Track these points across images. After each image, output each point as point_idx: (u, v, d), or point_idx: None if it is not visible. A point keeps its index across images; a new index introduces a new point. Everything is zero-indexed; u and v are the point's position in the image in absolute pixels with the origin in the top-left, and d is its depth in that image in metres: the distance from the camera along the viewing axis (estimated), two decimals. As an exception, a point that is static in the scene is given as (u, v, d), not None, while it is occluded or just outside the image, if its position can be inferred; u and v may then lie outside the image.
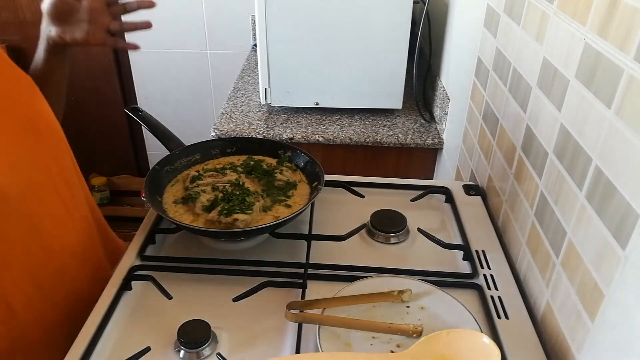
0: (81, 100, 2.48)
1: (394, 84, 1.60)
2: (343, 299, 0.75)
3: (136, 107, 1.10)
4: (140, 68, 2.45)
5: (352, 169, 1.60)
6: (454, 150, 1.39)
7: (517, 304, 0.81)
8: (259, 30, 1.52)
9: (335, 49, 1.55)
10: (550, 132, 0.78)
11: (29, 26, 2.34)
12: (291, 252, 0.91)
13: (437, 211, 1.05)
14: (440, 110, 1.54)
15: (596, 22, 0.66)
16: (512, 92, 0.95)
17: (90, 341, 0.72)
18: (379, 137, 1.54)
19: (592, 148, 0.66)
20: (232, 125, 1.60)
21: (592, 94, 0.66)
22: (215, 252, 0.91)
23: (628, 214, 0.57)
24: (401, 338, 0.71)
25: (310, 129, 1.57)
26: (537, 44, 0.84)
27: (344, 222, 0.97)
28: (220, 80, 2.41)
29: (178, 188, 0.98)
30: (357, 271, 0.85)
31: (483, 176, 1.11)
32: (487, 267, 0.89)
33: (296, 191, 0.97)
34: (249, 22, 2.30)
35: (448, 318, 0.74)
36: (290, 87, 1.62)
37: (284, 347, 0.73)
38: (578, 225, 0.68)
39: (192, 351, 0.70)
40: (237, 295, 0.78)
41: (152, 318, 0.78)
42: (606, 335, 0.60)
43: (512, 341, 0.74)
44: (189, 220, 0.89)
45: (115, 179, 2.76)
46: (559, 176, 0.75)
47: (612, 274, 0.59)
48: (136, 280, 0.83)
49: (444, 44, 1.54)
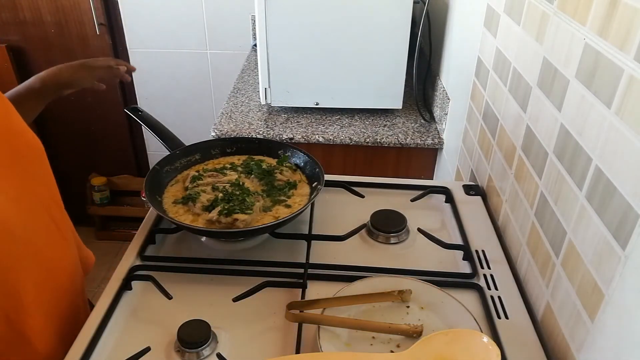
0: (81, 100, 2.48)
1: (394, 84, 1.60)
2: (343, 299, 0.75)
3: (136, 107, 1.10)
4: (140, 68, 2.44)
5: (352, 169, 1.60)
6: (454, 150, 1.39)
7: (517, 304, 0.81)
8: (259, 30, 1.52)
9: (335, 49, 1.54)
10: (550, 132, 0.78)
11: (29, 26, 2.34)
12: (291, 252, 0.91)
13: (437, 211, 1.05)
14: (440, 110, 1.54)
15: (596, 22, 0.66)
16: (512, 92, 0.95)
17: (90, 341, 0.72)
18: (379, 137, 1.54)
19: (592, 148, 0.66)
20: (232, 125, 1.60)
21: (592, 94, 0.66)
22: (215, 252, 0.91)
23: (628, 214, 0.57)
24: (401, 338, 0.71)
25: (310, 129, 1.57)
26: (537, 44, 0.84)
27: (344, 222, 0.97)
28: (220, 80, 2.41)
29: (178, 188, 0.98)
30: (357, 271, 0.85)
31: (483, 176, 1.11)
32: (487, 267, 0.89)
33: (296, 191, 0.97)
34: (249, 22, 2.30)
35: (448, 318, 0.74)
36: (290, 87, 1.62)
37: (284, 347, 0.73)
38: (578, 225, 0.68)
39: (192, 351, 0.70)
40: (237, 295, 0.78)
41: (152, 318, 0.78)
42: (606, 336, 0.60)
43: (512, 341, 0.74)
44: (189, 220, 0.89)
45: (115, 179, 2.76)
46: (559, 176, 0.75)
47: (612, 274, 0.59)
48: (136, 280, 0.83)
49: (444, 44, 1.54)
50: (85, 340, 0.72)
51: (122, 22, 2.32)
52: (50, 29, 2.36)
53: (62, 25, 2.35)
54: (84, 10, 2.31)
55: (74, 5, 2.30)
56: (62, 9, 2.31)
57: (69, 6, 2.30)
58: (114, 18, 2.36)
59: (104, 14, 2.33)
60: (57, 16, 2.33)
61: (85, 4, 2.29)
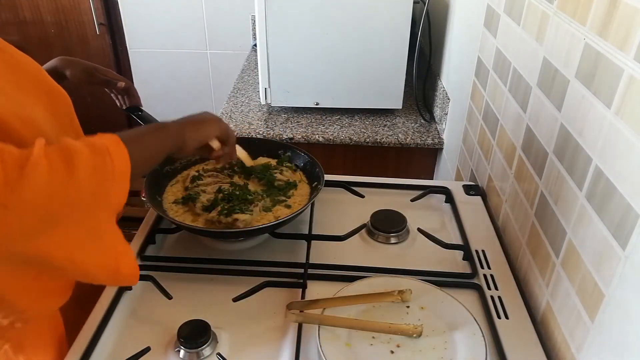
0: (81, 100, 2.48)
1: (394, 84, 1.60)
2: (343, 299, 0.75)
3: (136, 106, 1.09)
4: (140, 68, 2.45)
5: (352, 169, 1.60)
6: (454, 150, 1.39)
7: (517, 304, 0.81)
8: (259, 30, 1.52)
9: (335, 49, 1.54)
10: (550, 132, 0.78)
11: (29, 26, 2.34)
12: (291, 252, 0.91)
13: (437, 211, 1.05)
14: (440, 110, 1.54)
15: (596, 22, 0.66)
16: (512, 92, 0.95)
17: (90, 341, 0.72)
18: (379, 137, 1.54)
19: (592, 148, 0.66)
20: (232, 125, 1.59)
21: (592, 94, 0.66)
22: (215, 252, 0.91)
23: (628, 214, 0.57)
24: (401, 338, 0.71)
25: (310, 129, 1.57)
26: (537, 44, 0.84)
27: (344, 222, 0.97)
28: (220, 80, 2.41)
29: (178, 188, 0.98)
30: (357, 271, 0.85)
31: (483, 176, 1.11)
32: (487, 267, 0.89)
33: (296, 191, 0.97)
34: (249, 22, 2.30)
35: (448, 318, 0.74)
36: (290, 87, 1.62)
37: (284, 347, 0.73)
38: (578, 225, 0.68)
39: (192, 351, 0.70)
40: (237, 295, 0.78)
41: (152, 318, 0.78)
42: (606, 335, 0.60)
43: (512, 341, 0.74)
44: (189, 220, 0.89)
45: (115, 179, 2.76)
46: (559, 176, 0.75)
47: (612, 274, 0.59)
48: (136, 280, 0.83)
49: (444, 44, 1.54)
50: (86, 340, 0.72)
51: (122, 22, 2.32)
52: (50, 29, 2.36)
53: (62, 25, 2.35)
54: (84, 10, 2.31)
55: (74, 5, 2.30)
56: (62, 9, 2.31)
57: (69, 6, 2.31)
58: (114, 18, 2.36)
59: (104, 14, 2.33)
60: (57, 16, 2.33)
61: (85, 4, 2.29)
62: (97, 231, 0.61)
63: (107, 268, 0.63)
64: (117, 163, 0.59)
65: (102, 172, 0.58)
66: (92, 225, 0.60)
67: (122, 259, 0.65)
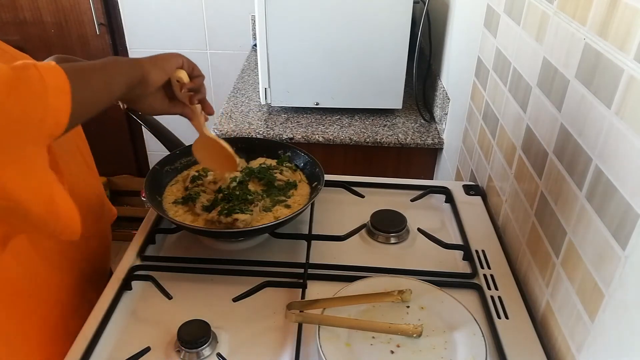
0: (81, 100, 2.48)
1: (394, 84, 1.60)
2: (343, 299, 0.75)
3: (136, 107, 1.09)
4: (140, 68, 2.45)
5: (352, 169, 1.60)
6: (454, 150, 1.39)
7: (517, 304, 0.81)
8: (259, 30, 1.52)
9: (335, 49, 1.54)
10: (550, 132, 0.78)
11: (29, 26, 2.34)
12: (291, 252, 0.91)
13: (437, 211, 1.05)
14: (440, 110, 1.54)
15: (596, 22, 0.66)
16: (512, 92, 0.95)
17: (90, 341, 0.72)
18: (379, 137, 1.54)
19: (592, 148, 0.66)
20: (232, 125, 1.59)
21: (592, 94, 0.66)
22: (215, 252, 0.91)
23: (628, 214, 0.57)
24: (401, 338, 0.71)
25: (310, 129, 1.57)
26: (537, 44, 0.84)
27: (344, 222, 0.97)
28: (220, 80, 2.41)
29: (178, 188, 0.98)
30: (357, 271, 0.85)
31: (483, 176, 1.11)
32: (487, 267, 0.89)
33: (296, 191, 0.97)
34: (249, 22, 2.30)
35: (448, 318, 0.74)
36: (290, 87, 1.62)
37: (284, 347, 0.73)
38: (578, 225, 0.68)
39: (192, 351, 0.70)
40: (237, 295, 0.78)
41: (152, 318, 0.78)
42: (606, 335, 0.60)
43: (512, 341, 0.74)
44: (189, 220, 0.89)
45: (115, 179, 2.76)
46: (559, 176, 0.75)
47: (612, 274, 0.59)
48: (136, 280, 0.83)
49: (444, 44, 1.54)
50: (86, 340, 0.72)
51: (122, 22, 2.32)
52: (50, 29, 2.36)
53: (62, 25, 2.35)
54: (84, 10, 2.31)
55: (74, 5, 2.30)
56: (62, 9, 2.31)
57: (69, 6, 2.30)
58: (114, 18, 2.36)
59: (104, 14, 2.33)
60: (57, 16, 2.33)
61: (85, 4, 2.29)
62: (29, 160, 0.55)
63: (40, 195, 0.57)
64: (48, 77, 0.53)
65: (27, 85, 0.52)
66: (22, 154, 0.54)
67: (56, 189, 0.59)
